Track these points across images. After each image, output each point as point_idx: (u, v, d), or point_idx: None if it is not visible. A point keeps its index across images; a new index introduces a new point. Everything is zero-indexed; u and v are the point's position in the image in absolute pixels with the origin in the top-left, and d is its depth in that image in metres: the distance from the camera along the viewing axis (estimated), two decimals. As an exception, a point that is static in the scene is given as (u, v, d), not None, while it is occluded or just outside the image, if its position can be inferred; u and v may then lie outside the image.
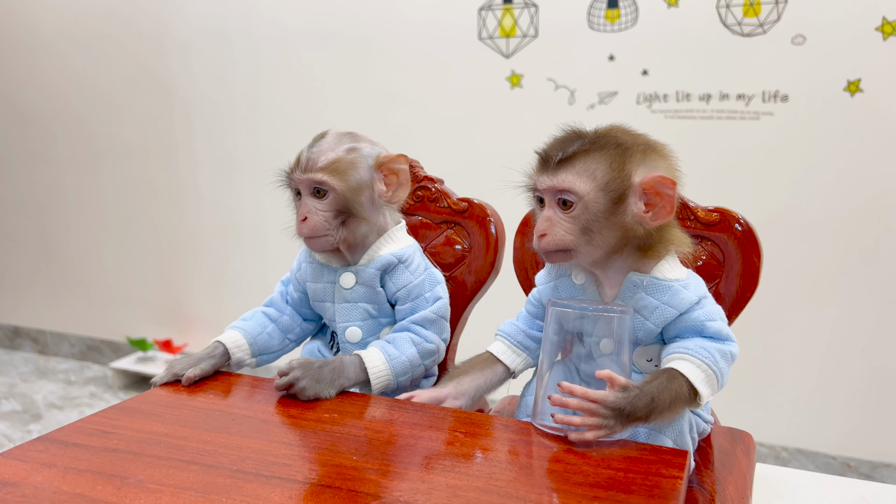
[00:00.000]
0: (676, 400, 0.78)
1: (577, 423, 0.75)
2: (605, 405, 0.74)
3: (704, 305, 0.85)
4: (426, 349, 1.01)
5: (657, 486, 0.68)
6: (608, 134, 0.84)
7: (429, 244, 1.16)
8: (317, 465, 0.73)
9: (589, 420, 0.74)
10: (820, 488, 1.07)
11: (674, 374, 0.79)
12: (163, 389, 0.93)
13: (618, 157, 0.81)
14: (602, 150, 0.82)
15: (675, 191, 0.81)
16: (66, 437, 0.78)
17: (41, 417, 2.51)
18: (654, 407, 0.76)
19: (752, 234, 0.96)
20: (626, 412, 0.75)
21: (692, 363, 0.80)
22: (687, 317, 0.83)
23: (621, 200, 0.81)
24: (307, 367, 0.90)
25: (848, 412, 2.09)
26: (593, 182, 0.81)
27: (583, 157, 0.81)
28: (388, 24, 2.37)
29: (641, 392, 0.76)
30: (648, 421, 0.77)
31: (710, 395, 0.80)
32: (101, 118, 2.85)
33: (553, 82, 2.23)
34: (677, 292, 0.83)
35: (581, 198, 0.81)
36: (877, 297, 2.01)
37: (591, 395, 0.74)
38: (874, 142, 1.94)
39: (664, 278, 0.84)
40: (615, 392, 0.75)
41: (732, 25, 2.02)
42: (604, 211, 0.81)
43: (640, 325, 0.84)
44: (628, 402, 0.75)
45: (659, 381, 0.78)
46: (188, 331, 2.88)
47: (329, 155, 0.98)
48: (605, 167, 0.81)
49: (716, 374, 0.81)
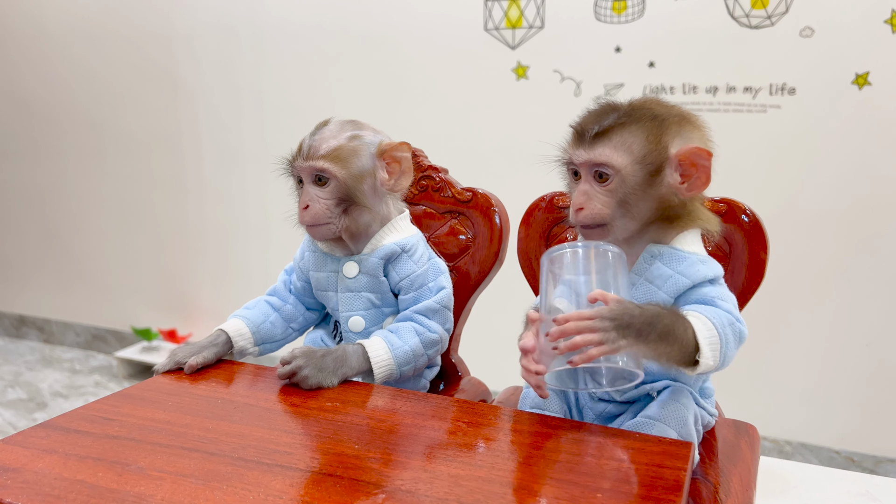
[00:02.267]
0: (677, 334, 0.75)
1: (578, 342, 0.72)
2: (601, 317, 0.72)
3: (718, 285, 0.84)
4: (429, 339, 1.01)
5: (661, 477, 0.68)
6: (643, 106, 0.83)
7: (433, 234, 1.16)
8: (318, 454, 0.73)
9: (589, 336, 0.72)
10: (824, 482, 1.07)
11: (681, 315, 0.77)
12: (165, 377, 0.93)
13: (654, 130, 0.81)
14: (638, 122, 0.81)
15: (710, 161, 0.80)
16: (68, 424, 0.78)
17: (46, 406, 2.52)
18: (654, 323, 0.73)
19: (759, 226, 0.95)
20: (625, 322, 0.72)
21: (699, 319, 0.78)
22: (699, 290, 0.82)
23: (658, 172, 0.80)
24: (310, 356, 0.90)
25: (852, 407, 2.09)
26: (630, 155, 0.80)
27: (619, 130, 0.81)
28: (394, 16, 2.36)
29: (640, 307, 0.74)
30: (649, 341, 0.73)
31: (713, 359, 0.77)
32: (107, 109, 2.85)
33: (559, 74, 2.22)
34: (693, 263, 0.83)
35: (618, 171, 0.80)
36: (882, 292, 2.00)
37: (585, 313, 0.73)
38: (882, 135, 1.93)
39: (682, 249, 0.84)
40: (609, 306, 0.73)
41: (740, 17, 2.00)
42: (641, 183, 0.80)
43: (652, 294, 0.83)
44: (624, 311, 0.73)
45: (666, 309, 0.76)
46: (192, 320, 2.88)
47: (331, 142, 0.97)
48: (641, 140, 0.80)
49: (721, 339, 0.78)
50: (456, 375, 1.16)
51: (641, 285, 0.84)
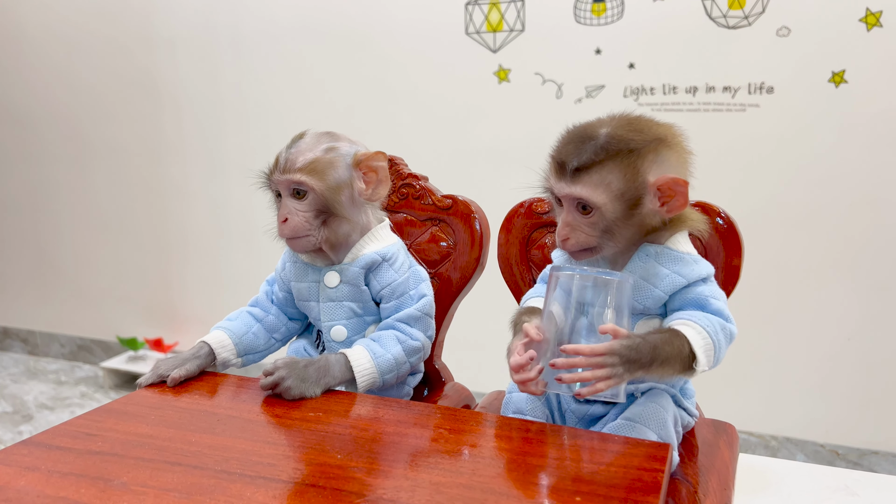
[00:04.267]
0: (676, 356, 0.80)
1: (587, 377, 0.76)
2: (612, 353, 0.76)
3: (711, 283, 0.88)
4: (411, 347, 1.01)
5: (639, 479, 0.69)
6: (620, 138, 0.84)
7: (414, 241, 1.16)
8: (301, 465, 0.73)
9: (599, 372, 0.76)
10: (804, 477, 1.08)
11: (677, 332, 0.81)
12: (148, 390, 0.93)
13: (631, 164, 0.83)
14: (614, 158, 0.83)
15: (686, 188, 0.84)
16: (51, 440, 0.78)
17: (32, 418, 2.51)
18: (657, 356, 0.78)
19: (734, 229, 0.96)
20: (632, 358, 0.77)
21: (694, 329, 0.82)
22: (693, 289, 0.86)
23: (637, 204, 0.84)
24: (292, 367, 0.90)
25: (836, 401, 2.11)
26: (609, 192, 0.83)
27: (597, 168, 0.83)
28: (375, 20, 2.36)
29: (644, 340, 0.78)
30: (650, 369, 0.78)
31: (707, 365, 0.82)
32: (90, 117, 2.83)
33: (540, 76, 2.23)
34: (688, 263, 0.87)
35: (598, 207, 0.83)
36: (862, 287, 2.03)
37: (598, 349, 0.76)
38: (859, 132, 1.96)
39: (677, 249, 0.87)
40: (620, 341, 0.77)
41: (718, 18, 2.03)
42: (621, 216, 0.84)
43: (648, 293, 0.86)
44: (633, 348, 0.77)
45: (662, 334, 0.81)
46: (179, 329, 2.87)
47: (307, 155, 0.98)
48: (619, 177, 0.83)
49: (714, 346, 0.82)
50: (439, 381, 1.17)
51: (637, 283, 0.87)
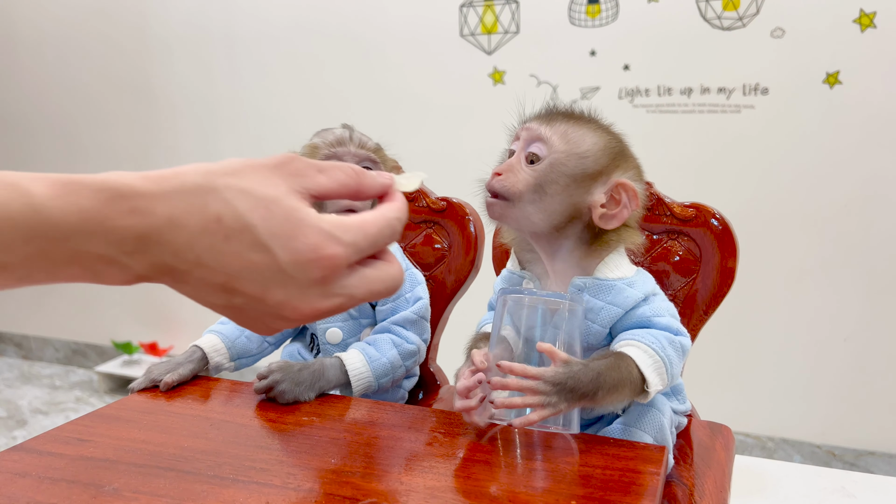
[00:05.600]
0: (624, 381, 0.75)
1: (518, 403, 0.71)
2: (545, 380, 0.71)
3: (651, 302, 0.83)
4: (407, 350, 1.01)
5: (634, 482, 0.69)
6: (613, 129, 0.83)
7: (408, 244, 1.16)
8: (295, 469, 0.73)
9: (530, 399, 0.71)
10: (801, 479, 1.08)
11: (622, 355, 0.77)
12: (140, 395, 0.92)
13: (612, 147, 0.81)
14: (603, 133, 0.81)
15: (633, 209, 0.80)
16: (41, 446, 0.78)
17: (26, 423, 2.49)
18: (601, 384, 0.72)
19: (729, 230, 0.96)
20: (569, 386, 0.71)
21: (639, 348, 0.77)
22: (632, 314, 0.81)
23: (591, 179, 0.79)
24: (287, 370, 0.89)
25: (832, 401, 2.11)
26: (573, 148, 0.79)
27: (579, 125, 0.81)
28: (370, 23, 2.36)
29: (586, 367, 0.73)
30: (596, 399, 0.73)
31: (660, 384, 0.77)
32: (83, 118, 2.82)
33: (535, 78, 2.23)
34: (621, 291, 0.81)
35: (552, 153, 0.79)
36: (858, 287, 2.03)
37: (530, 371, 0.71)
38: (853, 133, 1.96)
39: (606, 278, 0.82)
40: (556, 367, 0.72)
41: (712, 19, 2.03)
42: (568, 176, 0.79)
43: (587, 328, 0.82)
44: (570, 376, 0.71)
45: (607, 359, 0.76)
46: (174, 333, 2.86)
47: None
48: (592, 143, 0.80)
49: (664, 363, 0.78)
50: (434, 384, 1.17)
51: None
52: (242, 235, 0.45)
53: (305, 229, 0.46)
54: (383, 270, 0.52)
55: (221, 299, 0.48)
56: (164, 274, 0.46)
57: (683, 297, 0.97)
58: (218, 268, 0.45)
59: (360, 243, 0.49)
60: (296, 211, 0.46)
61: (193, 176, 0.47)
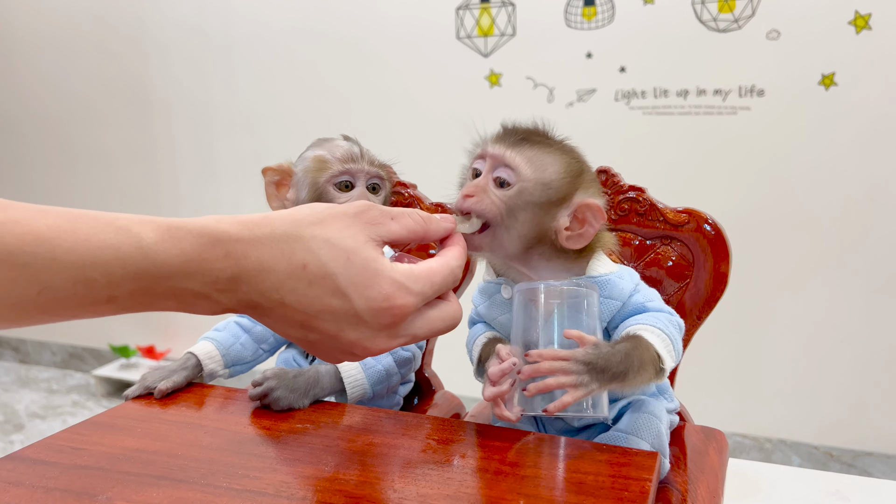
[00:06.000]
0: (648, 360, 0.76)
1: (552, 384, 0.72)
2: (576, 360, 0.71)
3: (641, 290, 0.85)
4: (402, 357, 1.01)
5: (626, 488, 0.69)
6: (573, 148, 0.84)
7: (403, 249, 1.16)
8: (289, 477, 0.73)
9: (564, 379, 0.71)
10: (795, 483, 1.08)
11: (637, 337, 0.78)
12: (135, 403, 0.92)
13: (572, 168, 0.81)
14: (562, 153, 0.82)
15: (598, 227, 0.81)
16: (35, 455, 0.78)
17: (23, 427, 2.49)
18: (630, 364, 0.74)
19: (721, 235, 0.96)
20: (601, 366, 0.72)
21: (648, 330, 0.79)
22: (628, 303, 0.83)
23: (556, 205, 0.80)
24: (281, 377, 0.90)
25: (830, 402, 2.12)
26: (540, 174, 0.79)
27: (543, 148, 0.80)
28: (366, 26, 2.36)
29: (613, 349, 0.74)
30: (626, 380, 0.74)
31: (671, 362, 0.79)
32: (79, 122, 2.82)
33: (532, 80, 2.23)
34: (615, 284, 0.83)
35: (521, 181, 0.78)
36: (854, 288, 2.03)
37: (561, 353, 0.72)
38: (848, 134, 1.96)
39: (599, 274, 0.84)
40: (586, 349, 0.73)
41: (708, 21, 2.03)
42: (535, 205, 0.79)
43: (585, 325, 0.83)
44: (601, 356, 0.72)
45: (628, 341, 0.77)
46: (170, 336, 2.86)
47: None
48: (558, 168, 0.80)
49: (671, 341, 0.79)
50: (430, 390, 1.17)
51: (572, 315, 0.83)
52: (324, 282, 0.51)
53: (380, 279, 0.52)
54: (444, 310, 0.60)
55: (298, 333, 0.54)
56: (249, 308, 0.52)
57: (677, 302, 0.98)
58: (300, 308, 0.51)
59: (426, 292, 0.56)
60: (372, 261, 0.52)
61: (282, 224, 0.52)
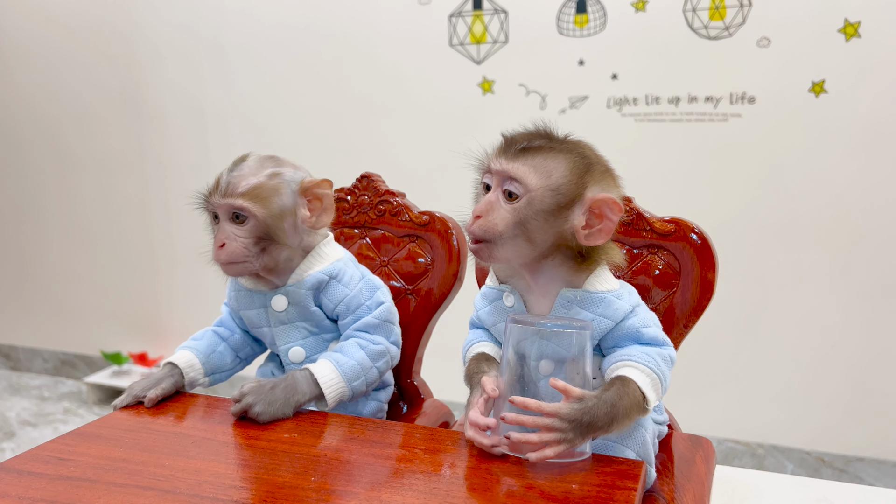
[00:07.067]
0: (633, 405, 0.77)
1: (534, 440, 0.73)
2: (560, 418, 0.72)
3: (638, 313, 0.84)
4: (375, 350, 1.00)
5: (611, 498, 0.69)
6: (577, 144, 0.84)
7: (391, 258, 1.16)
8: (274, 488, 0.73)
9: (546, 436, 0.72)
10: (783, 489, 1.08)
11: (626, 380, 0.78)
12: (123, 412, 0.92)
13: (578, 167, 0.81)
14: (567, 154, 0.81)
15: (617, 218, 0.80)
16: (22, 466, 0.77)
17: (14, 435, 2.48)
18: (615, 415, 0.74)
19: (708, 244, 0.97)
20: (585, 422, 0.73)
21: (638, 369, 0.79)
22: (622, 325, 0.83)
23: (567, 207, 0.80)
24: (258, 392, 0.89)
25: (821, 408, 2.12)
26: (546, 180, 0.79)
27: (545, 154, 0.80)
28: (359, 33, 2.36)
29: (600, 400, 0.74)
30: (610, 430, 0.75)
31: (657, 400, 0.80)
32: (70, 130, 2.82)
33: (524, 87, 2.24)
34: (611, 303, 0.83)
35: (529, 191, 0.79)
36: (845, 295, 2.04)
37: (545, 408, 0.72)
38: (839, 141, 1.97)
39: (596, 291, 0.83)
40: (571, 403, 0.73)
41: (699, 29, 2.04)
42: (546, 211, 0.79)
43: None
44: (586, 411, 0.73)
45: (615, 388, 0.77)
46: (163, 343, 2.85)
47: (250, 180, 0.95)
48: (563, 170, 0.80)
49: (660, 379, 0.80)
50: (418, 398, 1.17)
51: None
52: None
53: None
54: None
55: None
56: None
57: (664, 310, 0.98)
58: None
59: None
60: None
61: None
